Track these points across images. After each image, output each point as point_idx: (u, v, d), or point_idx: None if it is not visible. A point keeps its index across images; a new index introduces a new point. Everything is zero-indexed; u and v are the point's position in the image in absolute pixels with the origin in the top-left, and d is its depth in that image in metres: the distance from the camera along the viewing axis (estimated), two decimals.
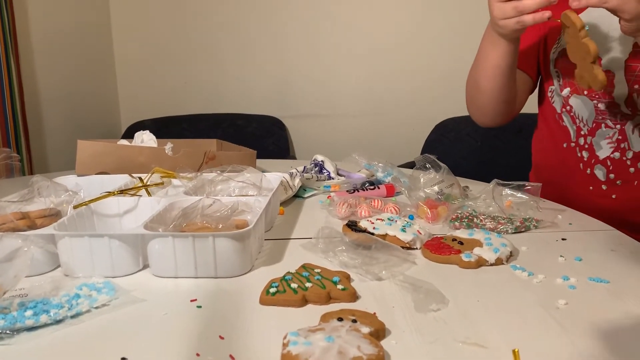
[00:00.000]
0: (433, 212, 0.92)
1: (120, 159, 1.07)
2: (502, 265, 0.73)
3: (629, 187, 1.03)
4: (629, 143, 1.01)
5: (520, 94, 1.12)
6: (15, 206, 0.82)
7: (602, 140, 1.03)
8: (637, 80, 0.97)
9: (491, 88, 1.05)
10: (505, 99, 1.07)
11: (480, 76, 1.05)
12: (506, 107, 1.10)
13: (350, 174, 1.23)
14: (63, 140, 2.16)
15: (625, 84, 0.97)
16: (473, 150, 2.26)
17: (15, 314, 0.57)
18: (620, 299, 0.63)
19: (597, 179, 1.05)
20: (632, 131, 1.00)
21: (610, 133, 1.02)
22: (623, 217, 0.99)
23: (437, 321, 0.58)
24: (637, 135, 1.00)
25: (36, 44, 2.02)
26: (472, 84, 1.09)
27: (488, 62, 1.02)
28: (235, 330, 0.57)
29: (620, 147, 1.01)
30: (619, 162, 1.02)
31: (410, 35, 2.45)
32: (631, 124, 1.00)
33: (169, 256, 0.69)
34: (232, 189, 0.94)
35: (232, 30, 2.53)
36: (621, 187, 1.03)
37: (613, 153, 1.02)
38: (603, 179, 1.05)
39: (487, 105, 1.10)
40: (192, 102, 2.61)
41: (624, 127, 1.00)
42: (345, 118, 2.58)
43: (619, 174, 1.03)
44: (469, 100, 1.14)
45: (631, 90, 0.97)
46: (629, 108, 0.99)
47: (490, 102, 1.08)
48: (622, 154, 1.02)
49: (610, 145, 1.02)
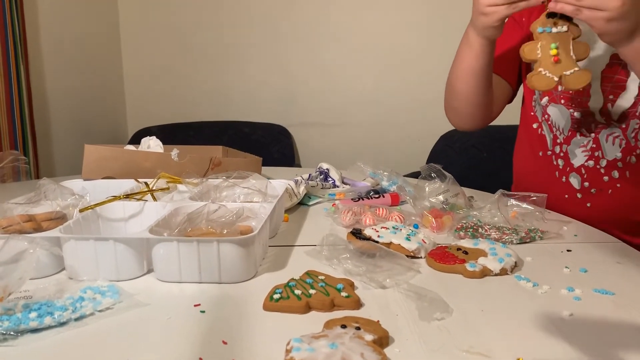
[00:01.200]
0: (438, 221, 0.92)
1: (126, 164, 1.08)
2: (506, 276, 0.73)
3: (603, 195, 1.04)
4: (602, 152, 1.02)
5: (498, 99, 1.12)
6: (21, 208, 0.82)
7: (577, 149, 1.05)
8: (612, 91, 0.99)
9: (466, 90, 1.05)
10: (480, 102, 1.07)
11: (456, 78, 1.06)
12: (481, 111, 1.09)
13: (355, 183, 1.23)
14: (70, 146, 2.17)
15: (600, 94, 1.00)
16: (479, 161, 2.25)
17: (19, 316, 0.57)
18: (625, 311, 0.63)
19: (572, 187, 1.07)
20: (605, 140, 1.02)
21: (585, 141, 1.04)
22: (598, 225, 0.99)
23: (441, 330, 0.58)
24: (610, 144, 1.01)
25: (45, 50, 2.04)
26: (448, 86, 1.10)
27: (463, 64, 1.02)
28: (238, 335, 0.57)
29: (594, 156, 1.03)
30: (593, 170, 1.04)
31: (417, 45, 2.46)
32: (605, 132, 1.02)
33: (174, 261, 0.69)
34: (238, 195, 0.94)
35: (239, 39, 2.55)
36: (595, 195, 1.05)
37: (587, 161, 1.04)
38: (578, 187, 1.06)
39: (462, 108, 1.10)
40: (198, 110, 2.62)
41: (598, 136, 1.02)
42: (351, 127, 2.58)
43: (593, 182, 1.05)
44: (446, 103, 1.14)
45: (606, 101, 1.00)
46: (603, 117, 1.01)
47: (465, 105, 1.08)
48: (595, 162, 1.03)
49: (585, 154, 1.04)
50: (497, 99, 1.11)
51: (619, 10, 0.75)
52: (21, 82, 1.81)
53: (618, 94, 0.99)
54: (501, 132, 2.33)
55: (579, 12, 0.78)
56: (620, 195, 1.03)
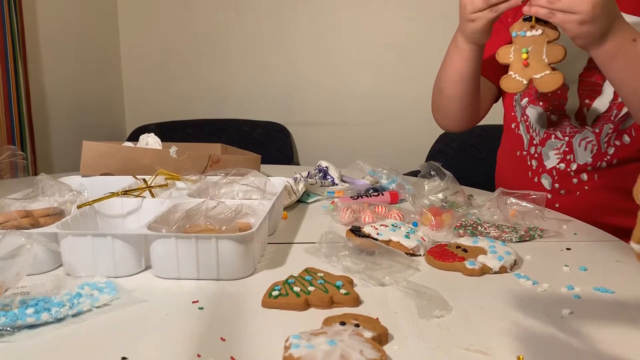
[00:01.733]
0: (437, 219, 0.91)
1: (124, 160, 1.08)
2: (506, 274, 0.73)
3: (572, 197, 1.07)
4: (574, 155, 1.06)
5: (484, 100, 1.13)
6: (19, 204, 0.82)
7: (551, 151, 1.08)
8: (588, 95, 1.01)
9: (454, 93, 1.05)
10: (467, 104, 1.08)
11: (444, 81, 1.06)
12: (469, 112, 1.10)
13: (354, 181, 1.23)
14: (68, 142, 2.17)
15: (577, 97, 1.02)
16: (477, 160, 2.25)
17: (16, 312, 0.57)
18: (625, 309, 0.62)
19: (543, 187, 1.10)
20: (578, 144, 1.05)
21: (559, 144, 1.07)
22: None
23: (441, 327, 0.57)
24: (582, 149, 1.05)
25: (44, 46, 2.03)
26: (437, 88, 1.10)
27: (452, 68, 1.02)
28: (237, 332, 0.56)
29: (566, 159, 1.07)
30: (563, 173, 1.07)
31: (416, 45, 2.45)
32: (578, 137, 1.05)
33: (172, 257, 0.68)
34: (236, 192, 0.93)
35: (239, 37, 2.54)
36: (564, 197, 1.08)
37: (559, 164, 1.08)
38: (549, 188, 1.09)
39: (450, 110, 1.10)
40: (197, 107, 2.61)
41: (571, 140, 1.05)
42: (350, 126, 2.58)
43: (563, 184, 1.08)
44: (433, 105, 1.15)
45: (582, 104, 1.02)
46: (578, 121, 1.04)
47: (454, 107, 1.09)
48: (567, 165, 1.07)
49: (557, 156, 1.07)
50: (484, 99, 1.13)
51: (590, 14, 0.77)
52: (19, 78, 1.80)
53: (594, 97, 1.01)
54: (499, 132, 2.33)
55: (552, 15, 0.80)
56: (588, 197, 1.06)
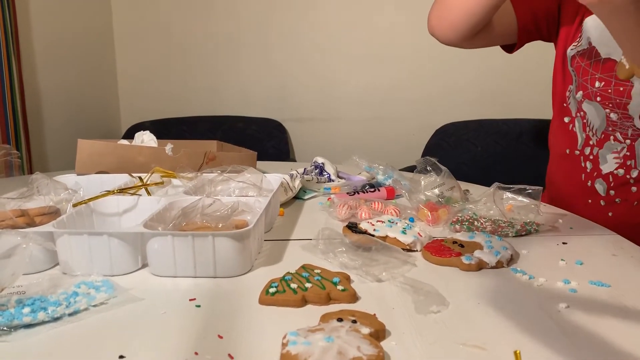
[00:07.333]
0: (433, 214, 0.91)
1: (120, 158, 1.07)
2: (502, 268, 0.73)
3: (628, 206, 0.99)
4: (635, 161, 0.96)
5: (498, 27, 1.00)
6: (14, 203, 0.82)
7: (609, 154, 0.98)
8: None
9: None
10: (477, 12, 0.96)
11: None
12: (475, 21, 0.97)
13: (350, 177, 1.23)
14: (63, 141, 2.16)
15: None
16: (473, 155, 2.26)
17: (12, 311, 0.57)
18: (621, 303, 0.63)
19: (596, 192, 1.02)
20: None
21: (619, 147, 0.97)
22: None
23: (438, 323, 0.57)
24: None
25: (38, 45, 2.02)
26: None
27: None
28: (234, 329, 0.56)
29: (626, 164, 0.97)
30: (621, 180, 0.98)
31: (411, 40, 2.45)
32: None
33: (168, 255, 0.68)
34: (232, 189, 0.93)
35: (233, 33, 2.54)
36: (620, 205, 1.00)
37: (617, 169, 0.98)
38: (603, 194, 1.01)
39: (455, 13, 0.98)
40: (192, 104, 2.61)
41: (633, 144, 0.95)
42: (346, 122, 2.58)
43: (619, 191, 0.99)
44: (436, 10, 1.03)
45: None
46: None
47: (459, 9, 0.97)
48: (626, 171, 0.97)
49: (616, 161, 0.97)
50: (498, 26, 1.00)
51: None
52: (13, 76, 1.79)
53: None
54: (495, 127, 2.34)
55: None
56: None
